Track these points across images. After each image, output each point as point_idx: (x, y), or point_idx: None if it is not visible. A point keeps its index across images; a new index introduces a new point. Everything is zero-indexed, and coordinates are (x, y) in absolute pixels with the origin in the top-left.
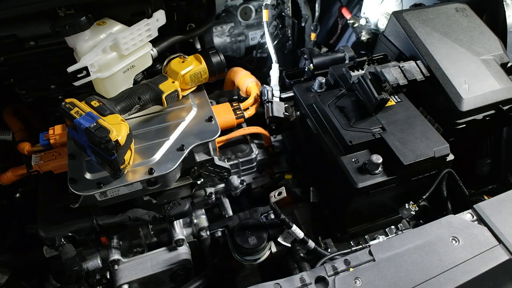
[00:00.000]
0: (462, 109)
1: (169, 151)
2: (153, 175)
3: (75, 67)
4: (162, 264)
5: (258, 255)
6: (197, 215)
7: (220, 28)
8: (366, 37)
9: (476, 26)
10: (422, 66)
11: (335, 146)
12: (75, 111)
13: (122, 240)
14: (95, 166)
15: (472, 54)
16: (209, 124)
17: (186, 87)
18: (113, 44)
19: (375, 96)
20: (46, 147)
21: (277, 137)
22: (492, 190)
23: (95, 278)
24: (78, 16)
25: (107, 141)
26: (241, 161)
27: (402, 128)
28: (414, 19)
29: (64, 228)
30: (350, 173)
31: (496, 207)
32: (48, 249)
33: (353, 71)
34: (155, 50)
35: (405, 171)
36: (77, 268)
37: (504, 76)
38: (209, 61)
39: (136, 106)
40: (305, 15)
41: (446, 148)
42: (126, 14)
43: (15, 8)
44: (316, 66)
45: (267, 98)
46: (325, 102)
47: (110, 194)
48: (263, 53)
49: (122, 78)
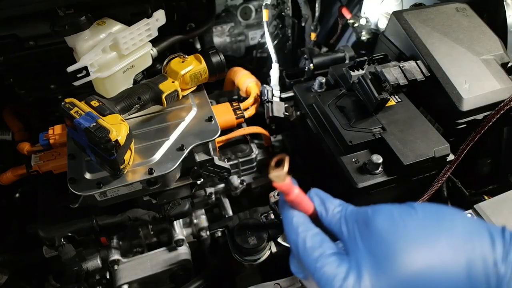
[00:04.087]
0: (463, 109)
1: (169, 151)
2: (153, 175)
3: (75, 67)
4: (162, 264)
5: (258, 255)
6: (197, 215)
7: (220, 28)
8: (366, 37)
9: (476, 26)
10: (422, 66)
11: (335, 146)
12: (74, 111)
13: (122, 240)
14: (95, 166)
15: (473, 54)
16: (209, 124)
17: (186, 87)
18: (113, 44)
19: (375, 96)
20: (45, 147)
21: (277, 137)
22: (492, 190)
23: (95, 278)
24: (78, 16)
25: (106, 141)
26: (241, 161)
27: (403, 128)
28: (414, 19)
29: (64, 228)
30: (350, 173)
31: (496, 207)
32: (48, 249)
33: (353, 71)
34: (155, 50)
35: (405, 171)
36: (77, 268)
37: (505, 76)
38: (209, 61)
39: (136, 106)
40: (305, 15)
41: (446, 148)
42: (126, 14)
43: (15, 8)
44: (316, 66)
45: (267, 98)
46: (325, 102)
47: (110, 194)
48: (263, 53)
49: (122, 78)
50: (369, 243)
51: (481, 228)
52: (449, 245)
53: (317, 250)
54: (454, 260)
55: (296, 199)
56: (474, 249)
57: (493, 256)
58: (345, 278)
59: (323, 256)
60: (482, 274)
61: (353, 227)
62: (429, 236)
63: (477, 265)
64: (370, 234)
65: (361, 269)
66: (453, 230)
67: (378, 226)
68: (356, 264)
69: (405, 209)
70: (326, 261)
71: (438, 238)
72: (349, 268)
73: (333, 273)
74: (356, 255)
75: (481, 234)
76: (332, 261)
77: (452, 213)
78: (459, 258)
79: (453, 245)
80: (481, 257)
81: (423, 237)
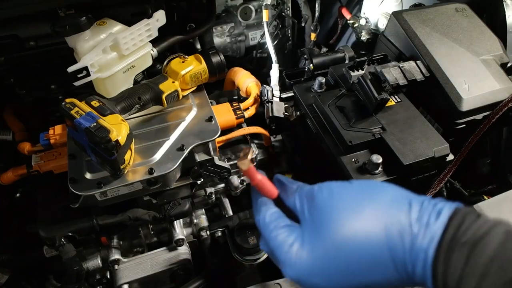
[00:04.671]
0: (462, 109)
1: (169, 151)
2: (153, 175)
3: (75, 67)
4: (162, 264)
5: (258, 255)
6: (197, 215)
7: (220, 28)
8: (366, 37)
9: (476, 26)
10: (422, 66)
11: (335, 146)
12: (75, 111)
13: (122, 240)
14: (95, 166)
15: (472, 54)
16: (209, 124)
17: (186, 87)
18: (113, 44)
19: (375, 96)
20: (46, 147)
21: (277, 137)
22: (492, 190)
23: (95, 278)
24: (78, 16)
25: (107, 141)
26: None
27: (402, 128)
28: (414, 19)
29: (64, 228)
30: (350, 173)
31: (496, 207)
32: (48, 249)
33: (353, 71)
34: (155, 50)
35: (405, 171)
36: (77, 268)
37: (504, 76)
38: (209, 61)
39: (136, 106)
40: (305, 15)
41: (446, 148)
42: (126, 14)
43: (15, 8)
44: (316, 66)
45: (267, 98)
46: (325, 102)
47: (110, 194)
48: (263, 53)
49: (122, 78)
50: (312, 214)
51: (403, 197)
52: (372, 213)
53: (272, 223)
54: (375, 225)
55: (259, 183)
56: (393, 214)
57: (409, 219)
58: (291, 244)
59: (277, 227)
60: (398, 234)
61: (302, 202)
62: (357, 206)
63: (394, 227)
64: (313, 206)
65: (304, 236)
66: (378, 200)
67: (319, 199)
68: (302, 232)
69: (343, 184)
70: (279, 232)
71: (363, 208)
72: (296, 236)
73: (283, 240)
74: (302, 225)
75: (401, 202)
76: (284, 231)
77: (382, 186)
78: (379, 223)
79: (375, 213)
80: (398, 221)
81: (351, 207)
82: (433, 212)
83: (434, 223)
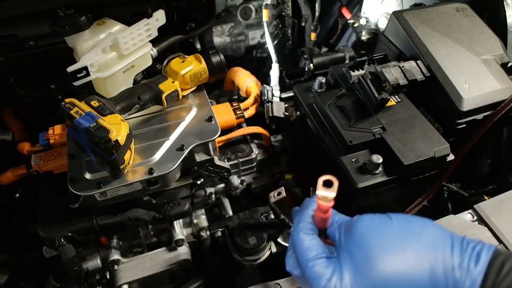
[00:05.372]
0: (463, 109)
1: (169, 151)
2: (153, 175)
3: (75, 67)
4: (162, 264)
5: (258, 255)
6: (197, 215)
7: (220, 28)
8: (366, 37)
9: (476, 26)
10: (422, 66)
11: (335, 146)
12: (74, 111)
13: (122, 240)
14: (95, 166)
15: (473, 54)
16: (209, 124)
17: (186, 87)
18: (113, 44)
19: (375, 96)
20: (45, 147)
21: (277, 137)
22: (492, 190)
23: (95, 278)
24: (78, 16)
25: (106, 141)
26: (241, 161)
27: (402, 128)
28: (414, 19)
29: (64, 228)
30: (350, 173)
31: (496, 207)
32: (48, 249)
33: (353, 71)
34: (155, 50)
35: (405, 171)
36: (77, 268)
37: (505, 76)
38: (209, 61)
39: (136, 106)
40: (305, 15)
41: (446, 148)
42: (126, 14)
43: (15, 8)
44: (316, 66)
45: (267, 98)
46: (325, 102)
47: (110, 194)
48: (263, 53)
49: (122, 78)
50: (351, 247)
51: (445, 237)
52: (414, 253)
53: (311, 252)
54: (419, 265)
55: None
56: (437, 256)
57: (451, 263)
58: (329, 278)
59: (315, 257)
60: (443, 278)
61: (340, 233)
62: (398, 245)
63: (439, 270)
64: (352, 238)
65: (343, 270)
66: (419, 240)
67: (358, 232)
68: (340, 265)
69: (383, 218)
70: (317, 262)
71: (405, 246)
72: (334, 269)
73: (321, 273)
74: (340, 257)
75: (444, 243)
76: (322, 262)
77: (421, 223)
78: (423, 264)
79: (418, 252)
80: (442, 264)
81: (393, 245)
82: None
83: (474, 268)
